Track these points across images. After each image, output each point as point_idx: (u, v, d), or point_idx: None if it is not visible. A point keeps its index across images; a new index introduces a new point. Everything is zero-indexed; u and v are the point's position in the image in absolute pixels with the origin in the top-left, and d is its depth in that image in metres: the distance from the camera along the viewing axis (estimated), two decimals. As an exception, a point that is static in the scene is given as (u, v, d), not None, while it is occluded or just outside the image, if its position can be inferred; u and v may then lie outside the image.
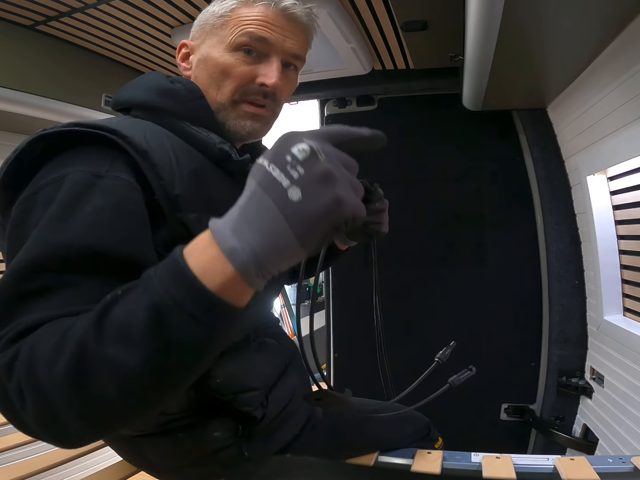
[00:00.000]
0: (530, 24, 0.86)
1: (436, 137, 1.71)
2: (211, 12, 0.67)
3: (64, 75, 1.39)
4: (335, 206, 0.35)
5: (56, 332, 0.40)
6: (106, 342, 0.37)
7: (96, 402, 0.38)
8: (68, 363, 0.37)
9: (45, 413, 0.39)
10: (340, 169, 0.37)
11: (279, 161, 0.36)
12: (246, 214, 0.36)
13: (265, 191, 0.35)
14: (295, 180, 0.35)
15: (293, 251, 0.36)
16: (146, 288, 0.38)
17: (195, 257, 0.37)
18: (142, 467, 0.77)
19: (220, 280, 0.36)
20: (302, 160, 0.35)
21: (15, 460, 1.22)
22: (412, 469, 0.72)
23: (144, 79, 0.68)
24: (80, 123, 0.52)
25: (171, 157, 0.57)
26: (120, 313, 0.38)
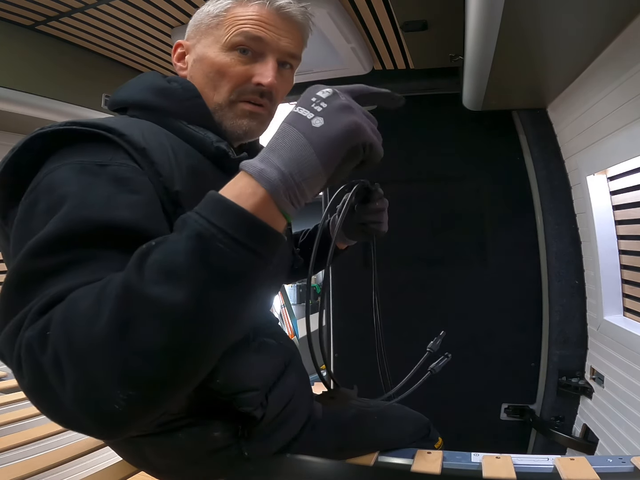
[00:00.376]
0: (530, 24, 0.86)
1: (436, 137, 1.71)
2: (206, 11, 0.67)
3: (64, 75, 1.39)
4: (354, 128, 0.41)
5: (90, 292, 0.38)
6: (150, 282, 0.36)
7: (144, 356, 0.36)
8: (112, 313, 0.36)
9: (87, 383, 0.36)
10: (360, 108, 0.43)
11: (304, 103, 0.43)
12: (273, 145, 0.41)
13: (291, 124, 0.41)
14: (318, 112, 0.42)
15: (316, 172, 0.40)
16: (184, 226, 0.38)
17: (227, 190, 0.40)
18: (142, 467, 0.77)
19: (253, 201, 0.38)
20: (325, 98, 0.43)
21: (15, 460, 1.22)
22: (412, 469, 0.71)
23: (141, 79, 0.68)
24: (78, 122, 0.52)
25: (169, 154, 0.57)
26: (160, 254, 0.38)
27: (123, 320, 0.36)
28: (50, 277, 0.42)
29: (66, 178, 0.48)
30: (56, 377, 0.37)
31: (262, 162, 0.40)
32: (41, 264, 0.43)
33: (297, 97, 0.45)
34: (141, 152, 0.53)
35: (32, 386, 0.39)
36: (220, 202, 0.39)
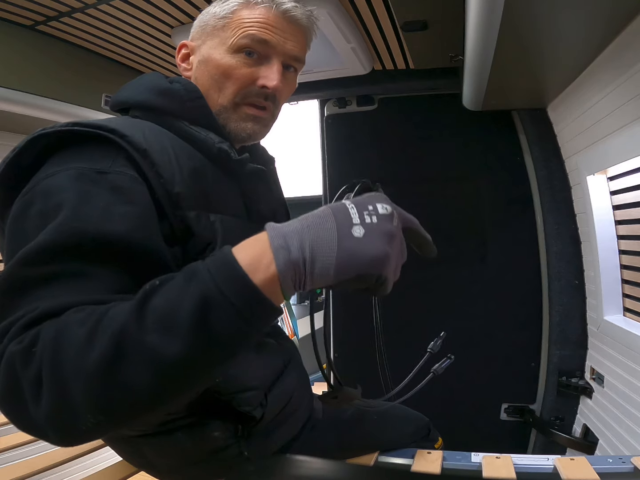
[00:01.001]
0: (530, 24, 0.86)
1: (436, 137, 1.71)
2: (212, 13, 0.67)
3: (64, 75, 1.39)
4: (382, 258, 0.40)
5: (86, 319, 0.39)
6: (148, 329, 0.37)
7: (124, 392, 0.37)
8: (106, 350, 0.37)
9: (63, 404, 0.37)
10: (401, 240, 0.43)
11: (360, 205, 0.41)
12: (308, 223, 0.40)
13: (335, 216, 0.40)
14: (366, 223, 0.40)
15: (325, 275, 0.39)
16: (192, 279, 0.39)
17: (244, 250, 0.40)
18: (142, 467, 0.77)
19: (264, 276, 0.38)
20: (381, 214, 0.41)
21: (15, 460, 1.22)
22: (412, 469, 0.71)
23: (142, 80, 0.68)
24: (79, 122, 0.52)
25: (170, 155, 0.57)
26: (163, 302, 0.38)
27: (114, 359, 0.37)
28: (39, 288, 0.42)
29: (64, 185, 0.48)
30: (33, 394, 0.37)
31: (289, 237, 0.39)
32: (31, 273, 0.43)
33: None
34: (142, 153, 0.53)
35: (3, 394, 0.39)
36: (234, 270, 0.38)
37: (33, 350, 0.38)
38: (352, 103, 1.77)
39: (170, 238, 0.55)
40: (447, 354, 0.76)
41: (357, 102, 1.76)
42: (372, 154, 1.77)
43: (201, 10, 0.72)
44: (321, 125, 1.83)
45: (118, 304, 0.40)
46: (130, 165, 0.53)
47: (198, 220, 0.57)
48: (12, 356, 0.38)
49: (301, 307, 4.56)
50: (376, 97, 1.75)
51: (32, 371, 0.38)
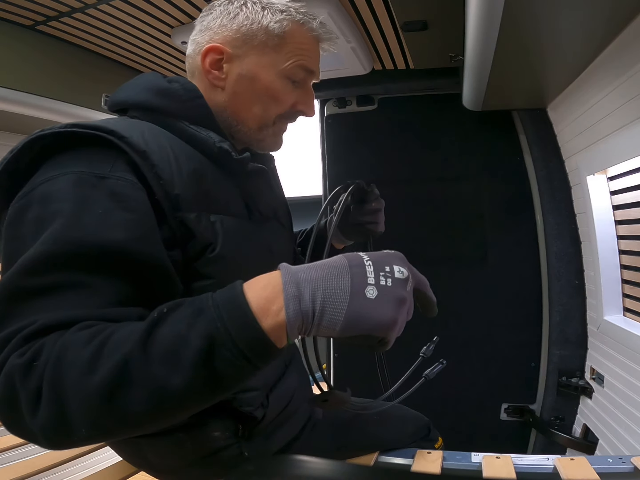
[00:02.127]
0: (531, 24, 0.86)
1: (436, 137, 1.71)
2: (263, 25, 0.64)
3: (64, 75, 1.39)
4: (388, 323, 0.40)
5: (90, 340, 0.40)
6: (154, 361, 0.38)
7: (121, 415, 0.39)
8: (109, 375, 0.38)
9: (60, 420, 0.38)
10: (411, 304, 0.44)
11: (377, 264, 0.42)
12: (324, 275, 0.40)
13: (351, 272, 0.41)
14: (380, 285, 0.40)
15: (332, 327, 0.40)
16: (200, 314, 0.40)
17: (256, 292, 0.40)
18: (142, 467, 0.77)
19: (273, 322, 0.39)
20: (396, 277, 0.42)
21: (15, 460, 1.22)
22: (412, 469, 0.71)
23: (141, 79, 0.67)
24: (78, 124, 0.52)
25: (170, 156, 0.57)
26: (169, 334, 0.39)
27: (117, 385, 0.38)
28: (39, 298, 0.43)
29: (63, 190, 0.48)
30: (30, 406, 0.38)
31: (302, 286, 0.40)
32: (31, 283, 0.43)
33: None
34: (142, 155, 0.53)
35: (4, 406, 0.40)
36: (244, 313, 0.39)
37: (34, 365, 0.39)
38: (352, 103, 1.77)
39: (170, 241, 0.55)
40: (440, 359, 0.76)
41: (357, 102, 1.76)
42: (372, 154, 1.77)
43: (201, 10, 0.71)
44: (321, 125, 1.83)
45: (123, 326, 0.41)
46: (130, 170, 0.52)
47: (198, 222, 0.57)
48: (13, 369, 0.39)
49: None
50: (376, 97, 1.75)
51: (31, 385, 0.38)
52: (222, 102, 0.67)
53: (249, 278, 0.64)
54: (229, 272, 0.60)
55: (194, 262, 0.57)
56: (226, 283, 0.59)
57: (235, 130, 0.69)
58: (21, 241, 0.47)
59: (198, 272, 0.57)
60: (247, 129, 0.68)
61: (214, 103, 0.67)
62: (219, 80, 0.66)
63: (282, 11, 0.65)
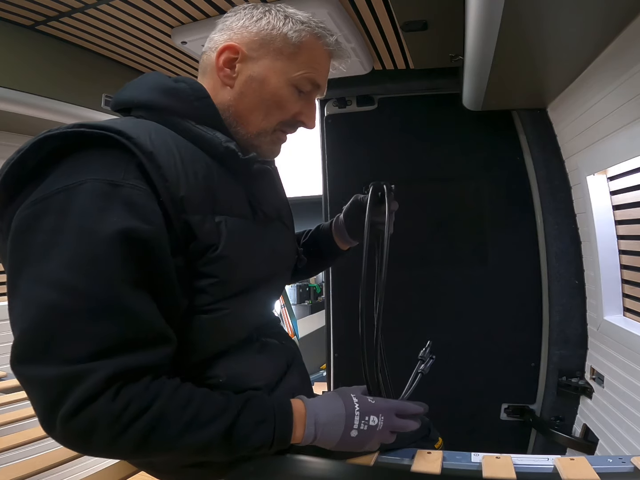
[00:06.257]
0: (530, 24, 0.86)
1: (436, 137, 1.71)
2: (282, 32, 0.66)
3: (64, 75, 1.39)
4: (360, 449, 0.66)
5: (186, 406, 0.53)
6: (230, 442, 0.56)
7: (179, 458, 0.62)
8: (197, 443, 0.53)
9: (133, 453, 0.51)
10: (385, 435, 0.66)
11: (362, 416, 0.64)
12: (328, 423, 0.62)
13: (345, 423, 0.63)
14: (359, 429, 0.63)
15: (326, 447, 0.63)
16: (265, 425, 0.58)
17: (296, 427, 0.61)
18: (142, 467, 0.77)
19: (294, 442, 0.62)
20: (370, 425, 0.64)
21: (15, 460, 1.22)
22: (412, 469, 0.71)
23: (146, 79, 0.67)
24: (85, 124, 0.52)
25: (176, 157, 0.57)
26: (245, 429, 0.57)
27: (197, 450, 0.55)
28: (96, 324, 0.47)
29: (79, 203, 0.49)
30: (108, 444, 0.49)
31: (314, 427, 0.62)
32: (79, 305, 0.47)
33: None
34: (148, 156, 0.53)
35: (77, 435, 0.48)
36: (287, 442, 0.61)
37: (123, 413, 0.47)
38: (352, 103, 1.77)
39: (175, 246, 0.55)
40: (430, 355, 0.83)
41: (357, 102, 1.76)
42: (372, 154, 1.77)
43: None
44: (321, 125, 1.83)
45: (209, 401, 0.56)
46: (140, 175, 0.53)
47: (203, 223, 0.57)
48: (105, 413, 0.47)
49: (301, 307, 4.55)
50: (376, 97, 1.75)
51: (117, 431, 0.48)
52: (227, 101, 0.67)
53: (251, 277, 0.64)
54: (231, 272, 0.60)
55: (195, 262, 0.57)
56: (229, 282, 0.60)
57: (233, 131, 0.68)
58: (34, 250, 0.47)
59: (199, 272, 0.58)
60: (245, 132, 0.68)
61: (218, 101, 0.67)
62: (229, 79, 0.67)
63: (302, 22, 0.67)
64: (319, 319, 3.76)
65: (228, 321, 0.62)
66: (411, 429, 0.68)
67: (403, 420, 0.67)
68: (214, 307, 0.59)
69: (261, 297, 0.70)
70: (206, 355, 0.63)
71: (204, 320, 0.59)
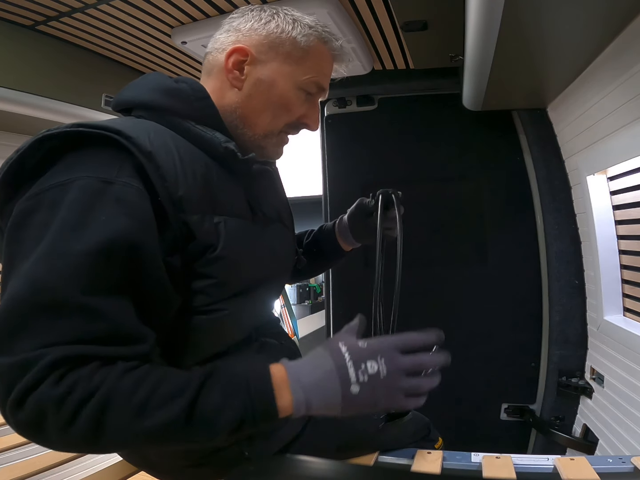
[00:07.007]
0: (530, 24, 0.86)
1: (436, 137, 1.71)
2: (291, 36, 0.66)
3: (64, 75, 1.39)
4: (373, 407, 0.53)
5: (136, 386, 0.46)
6: (194, 429, 0.47)
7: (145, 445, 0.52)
8: (153, 428, 0.46)
9: (88, 444, 0.46)
10: (394, 380, 0.53)
11: (356, 364, 0.53)
12: (317, 383, 0.52)
13: (339, 376, 0.52)
14: (359, 382, 0.52)
15: (332, 413, 0.53)
16: (237, 396, 0.49)
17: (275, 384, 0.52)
18: (142, 467, 0.77)
19: (284, 414, 0.51)
20: (370, 374, 0.52)
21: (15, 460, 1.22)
22: (412, 469, 0.71)
23: (147, 79, 0.67)
24: (84, 124, 0.52)
25: (175, 157, 0.57)
26: (211, 406, 0.48)
27: (158, 439, 0.47)
28: (50, 317, 0.45)
29: (70, 199, 0.48)
30: (60, 434, 0.44)
31: (303, 391, 0.52)
32: (41, 299, 0.45)
33: None
34: (147, 155, 0.53)
35: (28, 425, 0.45)
36: (274, 410, 0.51)
37: (68, 399, 0.43)
38: (352, 103, 1.77)
39: (172, 245, 0.55)
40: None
41: (357, 102, 1.76)
42: (372, 154, 1.77)
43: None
44: (321, 125, 1.83)
45: (166, 378, 0.48)
46: (135, 174, 0.52)
47: (201, 223, 0.57)
48: (46, 399, 0.43)
49: (301, 307, 4.55)
50: (376, 97, 1.75)
51: (64, 417, 0.43)
52: (234, 103, 0.67)
53: (251, 278, 0.64)
54: (230, 273, 0.60)
55: (194, 263, 0.57)
56: (227, 283, 0.60)
57: (239, 132, 0.68)
58: (24, 245, 0.47)
59: (198, 272, 0.57)
60: (252, 134, 0.69)
61: (225, 102, 0.67)
62: (238, 81, 0.67)
63: (310, 27, 0.68)
64: (319, 319, 3.76)
65: (227, 322, 0.61)
66: (430, 366, 0.57)
67: (414, 357, 0.56)
68: (213, 308, 0.59)
69: (260, 298, 0.70)
70: (205, 355, 0.63)
71: (203, 321, 0.59)
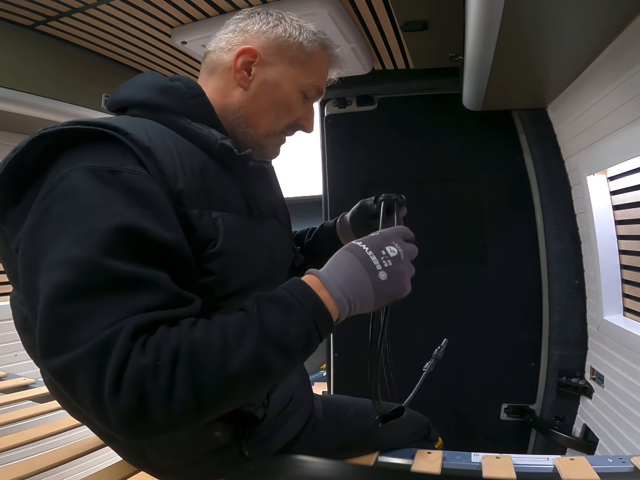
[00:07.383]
0: (531, 24, 0.87)
1: (436, 137, 1.71)
2: (298, 41, 0.69)
3: (64, 75, 1.39)
4: (401, 291, 0.57)
5: (209, 334, 0.46)
6: (273, 350, 0.47)
7: (242, 395, 0.50)
8: (245, 361, 0.45)
9: (193, 408, 0.44)
10: (409, 264, 0.59)
11: (376, 251, 0.56)
12: (348, 278, 0.54)
13: (365, 268, 0.54)
14: (385, 268, 0.55)
15: (368, 308, 0.56)
16: (292, 312, 0.50)
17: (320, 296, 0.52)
18: (142, 467, 0.77)
19: (335, 316, 0.53)
20: (392, 257, 0.56)
21: (15, 460, 1.22)
22: (412, 469, 0.72)
23: (142, 78, 0.68)
24: (82, 121, 0.52)
25: (173, 153, 0.57)
26: (277, 326, 0.48)
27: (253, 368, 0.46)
28: (117, 297, 0.45)
29: (80, 185, 0.48)
30: (165, 402, 0.42)
31: (341, 291, 0.53)
32: (93, 279, 0.44)
33: None
34: (145, 151, 0.53)
35: (130, 408, 0.41)
36: (329, 316, 0.52)
37: (158, 364, 0.42)
38: (352, 103, 1.77)
39: None
40: (445, 338, 0.80)
41: (357, 102, 1.76)
42: (372, 154, 1.77)
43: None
44: (321, 125, 1.83)
45: (226, 320, 0.48)
46: (139, 163, 0.52)
47: (201, 217, 0.57)
48: (143, 370, 0.41)
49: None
50: (376, 97, 1.75)
51: (163, 384, 0.42)
52: (239, 102, 0.68)
53: (250, 274, 0.64)
54: (230, 268, 0.60)
55: (195, 259, 0.57)
56: (227, 279, 0.60)
57: (242, 131, 0.69)
58: (47, 241, 0.46)
59: (199, 268, 0.57)
60: (255, 133, 0.70)
61: (229, 101, 0.68)
62: (245, 81, 0.68)
63: (314, 33, 0.71)
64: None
65: None
66: (415, 254, 0.61)
67: (411, 245, 0.61)
68: (212, 307, 0.59)
69: None
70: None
71: None
